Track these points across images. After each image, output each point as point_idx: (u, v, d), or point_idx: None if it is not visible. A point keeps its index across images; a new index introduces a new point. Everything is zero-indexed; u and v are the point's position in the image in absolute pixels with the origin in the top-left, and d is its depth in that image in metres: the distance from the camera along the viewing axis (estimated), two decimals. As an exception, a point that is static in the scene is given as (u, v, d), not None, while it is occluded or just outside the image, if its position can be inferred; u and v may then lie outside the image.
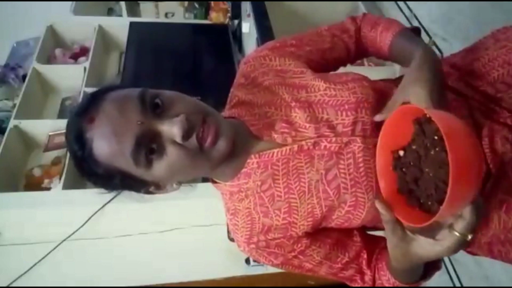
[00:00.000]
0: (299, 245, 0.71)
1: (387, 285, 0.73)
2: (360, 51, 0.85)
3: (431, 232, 0.55)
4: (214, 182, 0.76)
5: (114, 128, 0.59)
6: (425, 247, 0.57)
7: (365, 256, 0.75)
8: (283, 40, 0.82)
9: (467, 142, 0.48)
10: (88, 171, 0.63)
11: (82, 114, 0.61)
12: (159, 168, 0.61)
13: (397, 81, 0.76)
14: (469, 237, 0.52)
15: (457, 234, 0.53)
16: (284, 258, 0.72)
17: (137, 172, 0.62)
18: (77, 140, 0.60)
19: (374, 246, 0.78)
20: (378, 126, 0.68)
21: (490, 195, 0.72)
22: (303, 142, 0.69)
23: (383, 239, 0.79)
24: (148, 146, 0.60)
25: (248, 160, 0.70)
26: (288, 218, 0.70)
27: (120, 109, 0.59)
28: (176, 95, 0.65)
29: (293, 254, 0.72)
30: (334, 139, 0.68)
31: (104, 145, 0.59)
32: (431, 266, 0.73)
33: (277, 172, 0.70)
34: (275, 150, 0.69)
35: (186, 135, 0.59)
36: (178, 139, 0.59)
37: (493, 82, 0.76)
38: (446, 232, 0.54)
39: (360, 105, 0.69)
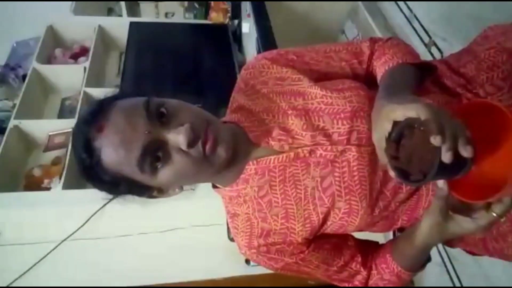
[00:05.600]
0: (299, 251, 0.73)
1: (388, 277, 0.75)
2: (370, 77, 0.81)
3: (467, 212, 0.60)
4: (214, 186, 0.77)
5: (122, 138, 0.61)
6: (462, 225, 0.61)
7: (359, 259, 0.77)
8: (284, 52, 0.81)
9: None
10: (95, 178, 0.65)
11: (90, 122, 0.62)
12: (165, 174, 0.63)
13: None
14: (503, 219, 0.58)
15: (494, 215, 0.58)
16: (284, 263, 0.74)
17: (142, 179, 0.64)
18: (85, 148, 0.62)
19: (368, 248, 0.80)
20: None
21: None
22: (299, 150, 0.70)
23: (374, 242, 0.82)
24: (154, 154, 0.62)
25: (246, 166, 0.72)
26: (286, 223, 0.71)
27: (127, 119, 0.61)
28: (180, 103, 0.67)
29: (293, 260, 0.73)
30: (329, 147, 0.69)
31: (112, 153, 0.61)
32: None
33: (274, 179, 0.71)
34: (272, 157, 0.71)
35: (191, 143, 0.61)
36: (184, 147, 0.61)
37: (482, 84, 0.77)
38: (483, 213, 0.59)
39: (356, 114, 0.69)
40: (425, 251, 0.72)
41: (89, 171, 0.64)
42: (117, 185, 0.66)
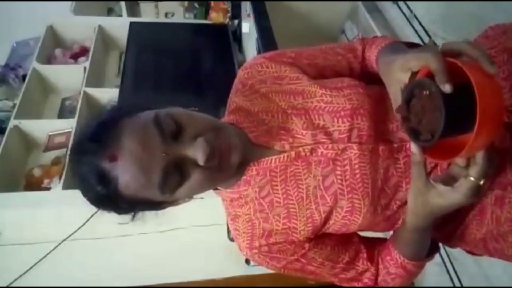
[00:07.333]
0: (301, 248, 0.72)
1: (394, 270, 0.74)
2: (365, 72, 0.83)
3: (448, 182, 0.59)
4: (215, 188, 0.76)
5: (140, 165, 0.58)
6: (443, 194, 0.59)
7: (365, 255, 0.76)
8: (282, 52, 0.81)
9: (492, 91, 0.51)
10: (111, 206, 0.64)
11: (99, 151, 0.59)
12: (183, 191, 0.63)
13: None
14: (482, 182, 0.56)
15: (471, 178, 0.56)
16: (287, 261, 0.73)
17: (160, 198, 0.64)
18: (100, 180, 0.59)
19: (373, 243, 0.79)
20: (374, 132, 0.69)
21: (489, 191, 0.73)
22: (300, 149, 0.70)
23: (380, 239, 0.81)
24: (174, 174, 0.61)
25: (248, 168, 0.71)
26: (288, 223, 0.71)
27: (142, 143, 0.59)
28: (187, 113, 0.65)
29: (295, 257, 0.73)
30: (330, 145, 0.69)
31: (131, 182, 0.59)
32: (433, 247, 0.76)
33: (276, 179, 0.71)
34: (273, 157, 0.70)
35: (208, 158, 0.60)
36: (202, 162, 0.60)
37: None
38: (462, 180, 0.57)
39: (356, 112, 0.69)
40: (419, 232, 0.69)
41: (104, 202, 0.63)
42: (134, 208, 0.66)
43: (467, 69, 0.50)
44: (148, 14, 2.73)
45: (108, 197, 0.61)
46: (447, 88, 0.49)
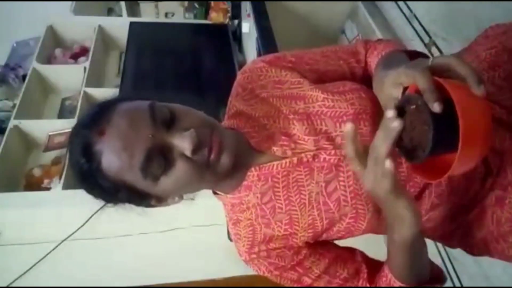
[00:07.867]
0: (299, 255, 0.72)
1: (384, 285, 0.72)
2: (367, 76, 0.81)
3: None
4: (215, 193, 0.76)
5: (125, 142, 0.58)
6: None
7: (365, 275, 0.74)
8: (282, 55, 0.80)
9: (478, 112, 0.50)
10: (92, 184, 0.62)
11: (90, 126, 0.60)
12: (166, 181, 0.61)
13: None
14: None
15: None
16: (284, 269, 0.73)
17: (143, 185, 0.62)
18: (84, 153, 0.59)
19: (376, 265, 0.77)
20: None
21: (489, 192, 0.72)
22: (303, 155, 0.69)
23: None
24: (158, 159, 0.59)
25: (249, 173, 0.71)
26: (289, 229, 0.70)
27: (130, 122, 0.59)
28: (184, 108, 0.65)
29: (292, 263, 0.72)
30: (333, 151, 0.68)
31: (114, 158, 0.58)
32: (434, 278, 0.73)
33: (277, 185, 0.70)
34: (275, 163, 0.69)
35: (196, 149, 0.60)
36: (188, 152, 0.60)
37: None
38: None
39: (359, 117, 0.69)
40: (400, 242, 0.63)
41: (86, 177, 0.61)
42: (116, 193, 0.63)
43: (451, 89, 0.50)
44: (148, 14, 2.73)
45: (89, 173, 0.60)
46: (435, 107, 0.49)
